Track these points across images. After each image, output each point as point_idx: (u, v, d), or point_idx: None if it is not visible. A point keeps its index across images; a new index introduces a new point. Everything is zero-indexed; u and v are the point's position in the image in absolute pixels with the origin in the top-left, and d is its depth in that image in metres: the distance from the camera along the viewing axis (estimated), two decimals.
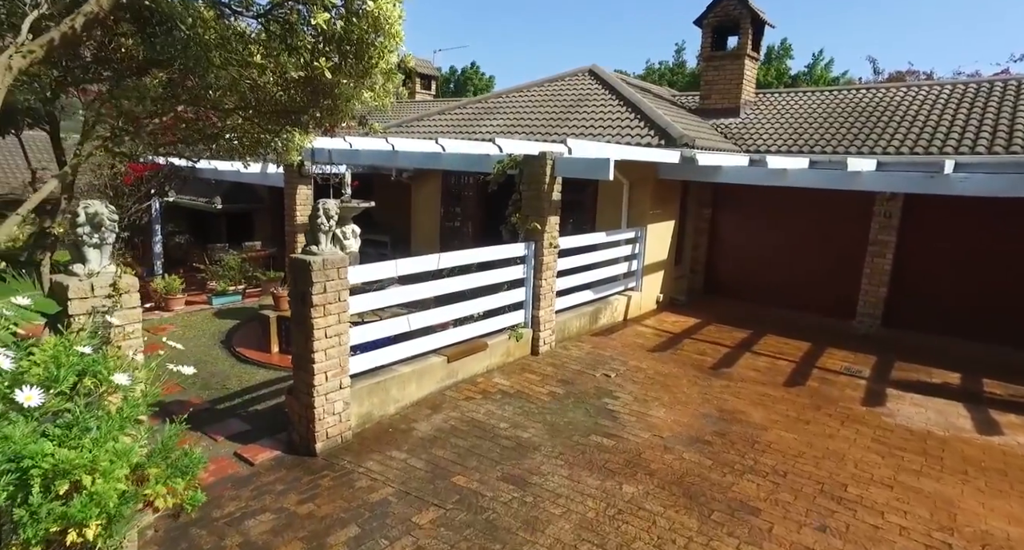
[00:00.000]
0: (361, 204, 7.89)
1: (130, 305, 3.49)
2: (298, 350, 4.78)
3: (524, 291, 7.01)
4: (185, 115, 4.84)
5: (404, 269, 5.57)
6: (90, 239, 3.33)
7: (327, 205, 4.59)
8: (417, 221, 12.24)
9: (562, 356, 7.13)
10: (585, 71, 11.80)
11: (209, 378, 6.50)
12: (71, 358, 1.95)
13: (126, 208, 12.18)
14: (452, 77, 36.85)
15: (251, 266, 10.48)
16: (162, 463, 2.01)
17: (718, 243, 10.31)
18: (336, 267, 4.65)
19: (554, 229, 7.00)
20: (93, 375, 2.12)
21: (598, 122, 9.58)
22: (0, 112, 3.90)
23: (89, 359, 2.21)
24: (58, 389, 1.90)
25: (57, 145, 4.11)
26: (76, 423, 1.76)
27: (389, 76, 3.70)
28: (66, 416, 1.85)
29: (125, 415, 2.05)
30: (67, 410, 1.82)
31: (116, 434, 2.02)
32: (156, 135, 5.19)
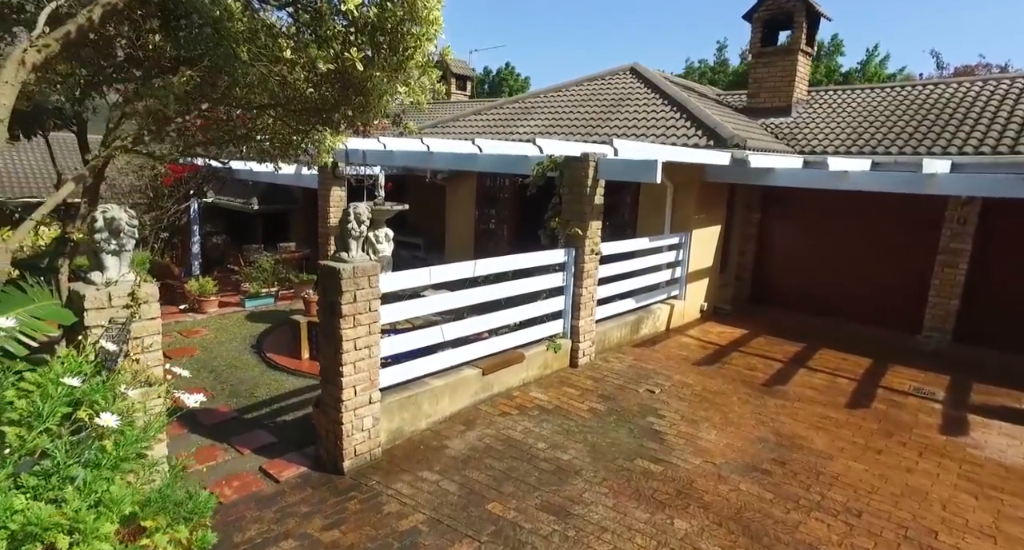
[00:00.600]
0: (395, 207, 7.68)
1: (149, 315, 3.28)
2: (326, 362, 4.53)
3: (563, 300, 6.65)
4: (215, 115, 4.65)
5: (438, 277, 5.29)
6: (108, 245, 3.12)
7: (358, 209, 4.33)
8: (451, 223, 12.00)
9: (602, 369, 6.74)
10: (626, 69, 11.37)
11: (238, 385, 6.34)
12: (60, 389, 1.69)
13: (166, 209, 12.31)
14: (487, 78, 36.71)
15: (284, 268, 10.40)
16: (161, 513, 1.73)
17: (766, 249, 9.74)
18: (367, 275, 4.38)
19: (596, 235, 6.63)
20: (89, 406, 1.86)
21: (641, 122, 9.15)
22: (26, 113, 3.77)
23: (85, 388, 1.96)
24: (42, 426, 1.64)
25: (84, 147, 3.95)
26: (58, 470, 1.50)
27: (425, 69, 3.40)
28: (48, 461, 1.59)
29: (122, 454, 1.78)
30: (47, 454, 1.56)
31: (111, 476, 1.76)
32: (186, 136, 5.03)
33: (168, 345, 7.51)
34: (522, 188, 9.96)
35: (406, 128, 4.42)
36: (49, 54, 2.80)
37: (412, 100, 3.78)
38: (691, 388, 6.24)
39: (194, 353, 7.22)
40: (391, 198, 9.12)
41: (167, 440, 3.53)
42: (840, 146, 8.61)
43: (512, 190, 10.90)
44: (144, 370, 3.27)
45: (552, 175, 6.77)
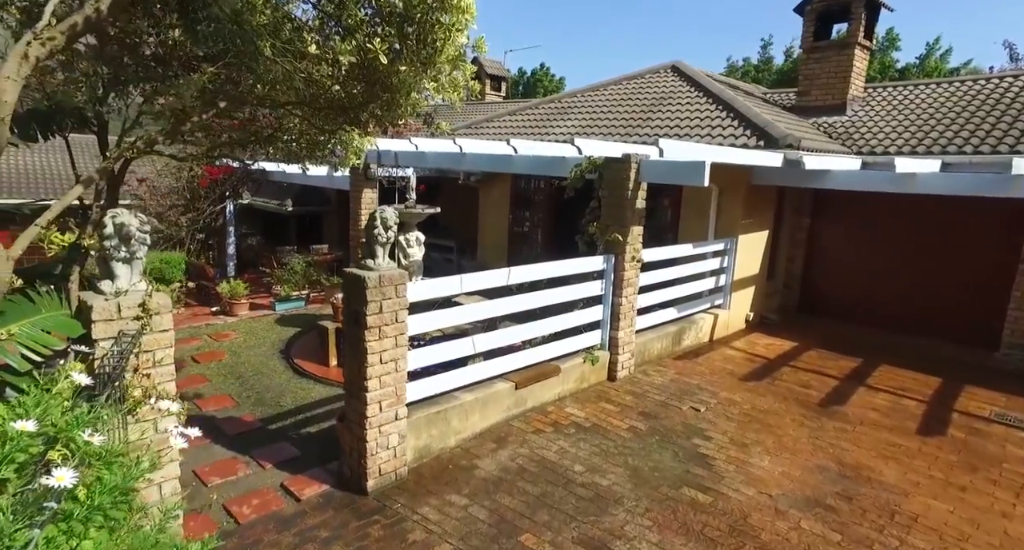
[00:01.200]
0: (426, 210, 7.42)
1: (161, 328, 3.06)
2: (350, 376, 4.28)
3: (601, 309, 6.28)
4: (240, 115, 4.46)
5: (470, 285, 4.99)
6: (118, 253, 2.92)
7: (384, 214, 4.07)
8: (484, 226, 11.73)
9: (642, 383, 6.34)
10: (667, 68, 10.90)
11: (264, 393, 6.17)
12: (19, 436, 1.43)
13: (202, 210, 12.40)
14: (521, 79, 36.44)
15: (316, 271, 10.30)
16: None
17: (817, 256, 9.15)
18: (394, 284, 4.12)
19: (637, 241, 6.24)
20: (65, 444, 1.60)
21: (684, 122, 8.70)
22: (45, 112, 3.62)
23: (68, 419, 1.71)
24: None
25: (104, 148, 3.79)
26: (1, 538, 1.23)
27: (457, 64, 3.10)
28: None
29: (97, 501, 1.52)
30: None
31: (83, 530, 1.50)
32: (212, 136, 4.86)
33: (197, 349, 7.42)
34: (558, 191, 9.62)
35: (438, 128, 4.14)
36: (55, 48, 2.61)
37: (443, 97, 3.49)
38: (739, 406, 5.78)
39: (222, 358, 7.10)
40: (423, 200, 8.91)
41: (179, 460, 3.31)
42: (904, 146, 7.98)
43: (547, 193, 10.56)
44: (154, 386, 3.06)
45: (591, 177, 6.41)
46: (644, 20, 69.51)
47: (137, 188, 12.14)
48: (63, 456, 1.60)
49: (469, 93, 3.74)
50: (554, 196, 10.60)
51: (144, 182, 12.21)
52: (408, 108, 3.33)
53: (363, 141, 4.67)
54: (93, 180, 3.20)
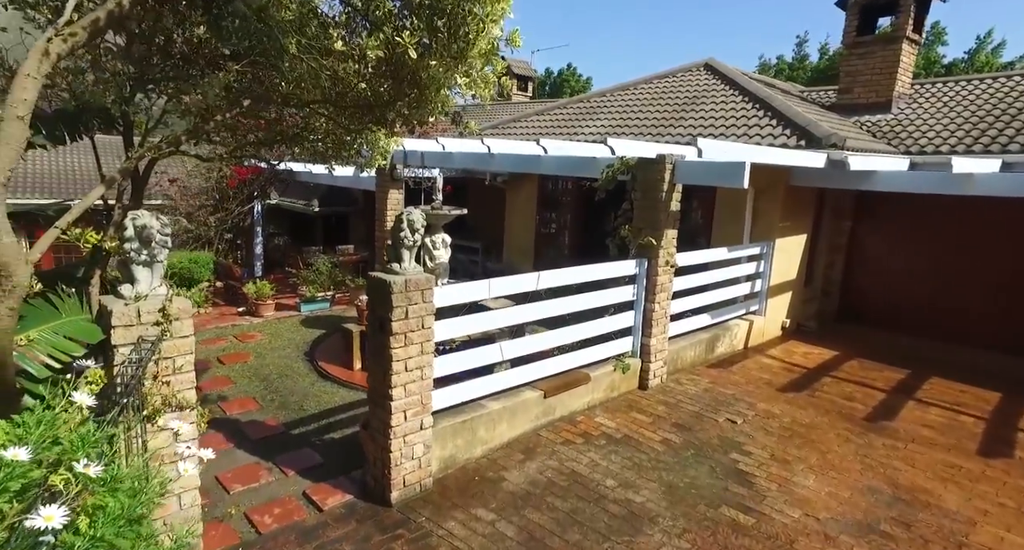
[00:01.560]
0: (453, 211, 7.29)
1: (182, 333, 2.96)
2: (374, 383, 4.15)
3: (633, 315, 6.06)
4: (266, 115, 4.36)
5: (499, 289, 4.82)
6: (139, 256, 2.82)
7: (411, 216, 3.93)
8: (511, 227, 11.57)
9: (675, 392, 6.09)
10: (700, 66, 10.60)
11: (288, 396, 6.09)
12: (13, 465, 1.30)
13: (230, 210, 12.50)
14: (548, 79, 36.23)
15: (341, 271, 10.26)
16: None
17: (859, 261, 8.75)
18: (420, 289, 3.97)
19: (671, 245, 6.00)
20: (69, 468, 1.47)
21: (719, 121, 8.40)
22: (71, 113, 3.57)
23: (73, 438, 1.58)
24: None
25: (130, 148, 3.73)
26: None
27: (489, 58, 2.93)
28: None
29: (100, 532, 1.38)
30: None
31: None
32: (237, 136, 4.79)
33: (223, 350, 7.41)
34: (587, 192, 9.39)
35: (467, 128, 3.98)
36: (76, 44, 2.51)
37: (473, 94, 3.32)
38: (778, 419, 5.50)
39: (248, 359, 7.06)
40: (450, 201, 8.79)
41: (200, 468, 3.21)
42: (957, 144, 7.56)
43: (575, 194, 10.35)
44: (174, 394, 2.95)
45: (623, 179, 6.19)
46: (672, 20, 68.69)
47: (168, 188, 12.30)
48: (66, 481, 1.47)
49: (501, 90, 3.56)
50: (582, 197, 10.39)
51: (175, 182, 12.36)
52: (437, 105, 3.17)
53: (389, 141, 4.54)
54: (115, 180, 3.12)
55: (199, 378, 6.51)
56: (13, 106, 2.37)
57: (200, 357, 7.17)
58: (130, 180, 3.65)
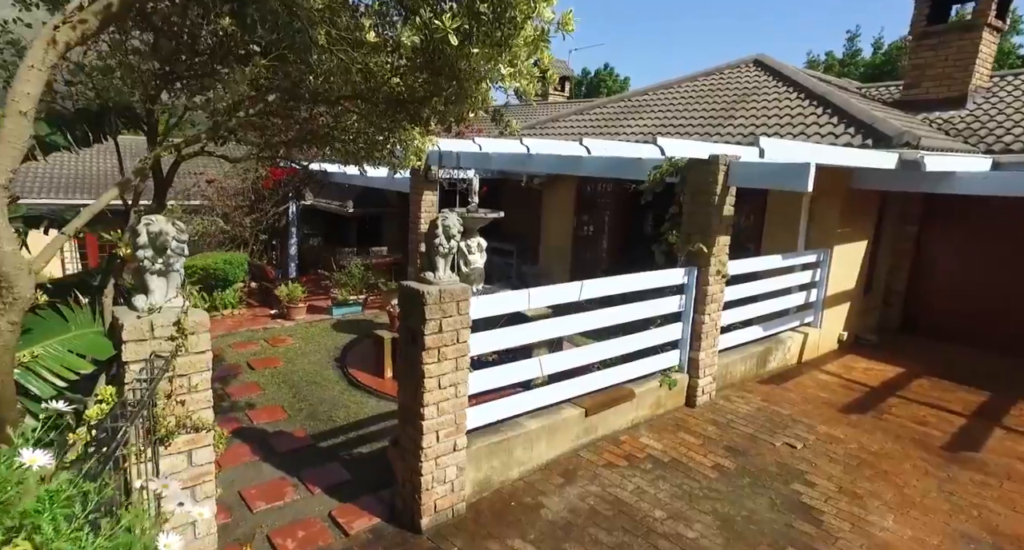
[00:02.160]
0: (489, 214, 7.01)
1: (198, 349, 2.72)
2: (405, 400, 3.86)
3: (680, 327, 5.65)
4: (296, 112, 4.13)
5: (539, 300, 4.49)
6: (152, 265, 2.59)
7: (447, 221, 3.63)
8: (547, 230, 11.22)
9: (725, 410, 5.65)
10: (749, 62, 10.05)
11: (317, 405, 5.88)
12: None
13: (265, 211, 12.51)
14: (584, 80, 35.75)
15: (374, 274, 10.08)
16: None
17: (926, 269, 8.10)
18: (456, 300, 3.67)
19: (723, 252, 5.57)
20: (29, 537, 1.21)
21: (772, 119, 7.89)
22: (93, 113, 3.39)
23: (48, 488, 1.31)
24: None
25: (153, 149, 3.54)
26: None
27: (537, 45, 2.61)
28: None
29: None
30: None
31: None
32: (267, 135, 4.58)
33: (254, 354, 7.27)
34: (627, 194, 9.00)
35: (508, 126, 3.66)
36: (86, 31, 2.29)
37: (517, 89, 3.00)
38: (843, 445, 5.01)
39: (278, 365, 6.90)
40: (485, 204, 8.50)
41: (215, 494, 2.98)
42: None
43: (615, 196, 9.95)
44: (189, 415, 2.72)
45: (671, 181, 5.79)
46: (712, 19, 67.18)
47: (206, 189, 12.38)
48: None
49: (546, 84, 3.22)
50: (622, 200, 9.98)
51: (213, 183, 12.43)
52: (477, 100, 2.86)
53: (424, 141, 4.27)
54: (130, 183, 2.91)
55: (228, 384, 6.38)
56: (15, 100, 2.15)
57: (231, 361, 7.06)
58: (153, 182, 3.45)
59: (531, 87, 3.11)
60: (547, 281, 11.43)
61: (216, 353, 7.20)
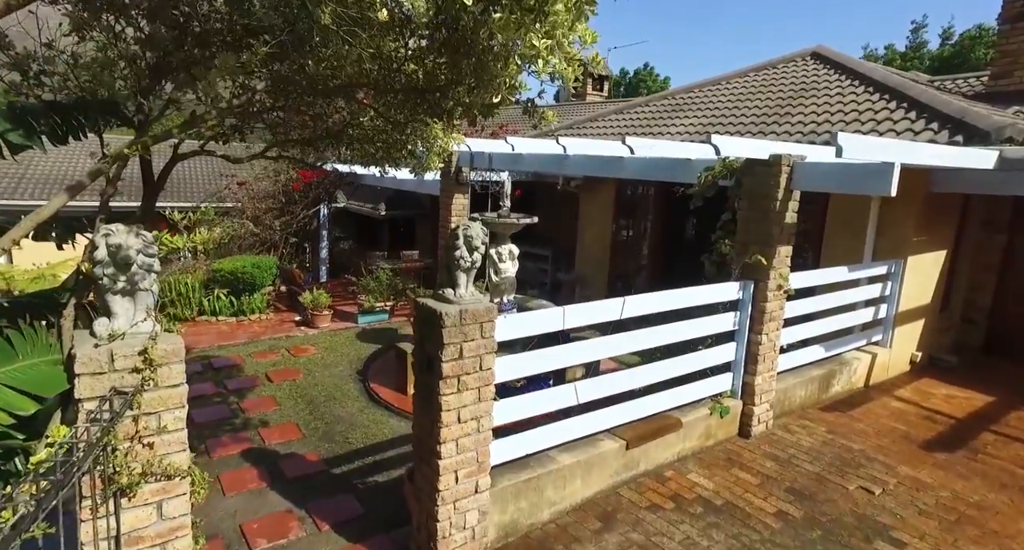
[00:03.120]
0: (522, 220, 6.50)
1: (170, 382, 2.29)
2: (420, 434, 3.39)
3: (733, 348, 5.02)
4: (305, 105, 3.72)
5: (575, 319, 3.94)
6: (113, 284, 2.17)
7: (469, 231, 3.13)
8: (584, 235, 10.66)
9: (785, 443, 4.99)
10: (806, 55, 9.27)
11: (334, 424, 5.48)
12: None
13: (295, 214, 12.31)
14: (623, 80, 34.95)
15: (403, 280, 9.69)
16: None
17: (1015, 283, 7.20)
18: (479, 321, 3.17)
19: (784, 265, 4.92)
20: None
21: (837, 115, 7.14)
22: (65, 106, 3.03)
23: None
24: None
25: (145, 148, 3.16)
26: None
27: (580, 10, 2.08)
28: None
29: None
30: None
31: None
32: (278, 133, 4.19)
33: (274, 365, 6.94)
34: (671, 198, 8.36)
35: (542, 119, 3.14)
36: None
37: (553, 71, 2.48)
38: (933, 492, 4.30)
39: (297, 377, 6.55)
40: (518, 208, 7.99)
41: None
42: None
43: (657, 200, 9.31)
44: (159, 459, 2.29)
45: (724, 184, 5.17)
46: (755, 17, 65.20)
47: (237, 191, 12.27)
48: None
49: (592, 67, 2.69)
50: (665, 204, 9.34)
51: (244, 185, 12.31)
52: (505, 82, 2.35)
53: (447, 138, 3.79)
54: (83, 187, 2.51)
55: (244, 397, 6.04)
56: None
57: (249, 373, 6.74)
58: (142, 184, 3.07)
59: (570, 70, 2.58)
60: (583, 289, 10.85)
61: (236, 363, 6.91)
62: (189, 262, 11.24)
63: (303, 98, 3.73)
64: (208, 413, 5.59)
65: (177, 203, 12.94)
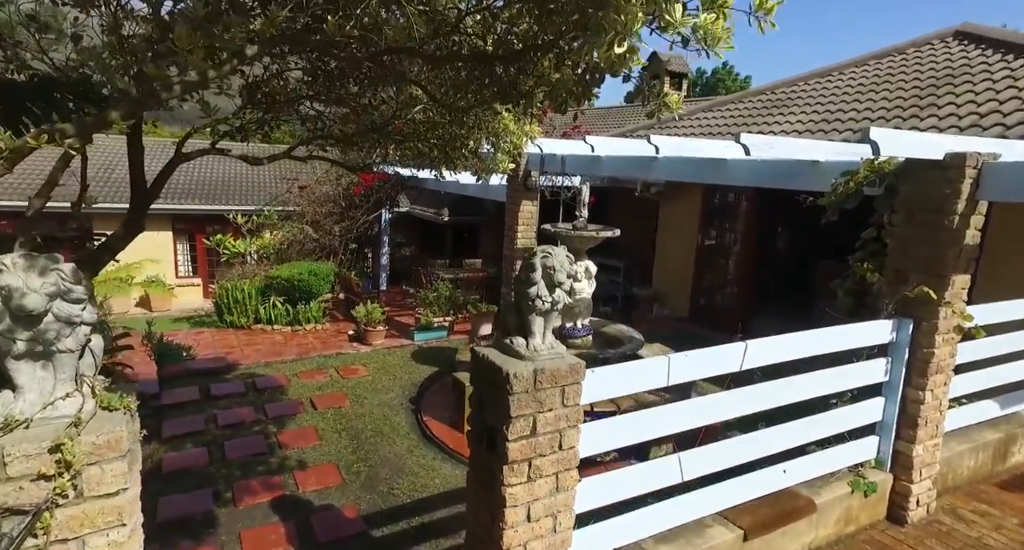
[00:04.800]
0: (602, 233, 5.57)
1: (103, 490, 1.52)
2: (475, 530, 2.52)
3: (881, 405, 3.86)
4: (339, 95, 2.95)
5: (684, 371, 2.95)
6: (11, 344, 1.42)
7: (551, 261, 2.24)
8: (663, 246, 9.57)
9: (957, 537, 3.77)
10: (947, 35, 7.80)
11: (379, 467, 4.72)
12: None
13: (355, 219, 11.85)
14: (699, 80, 33.14)
15: (464, 292, 8.92)
16: None
17: None
18: (561, 385, 2.27)
19: (959, 299, 3.72)
20: None
21: (1011, 103, 5.73)
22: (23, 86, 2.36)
23: None
24: None
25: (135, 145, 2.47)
26: None
27: None
28: None
29: None
30: None
31: None
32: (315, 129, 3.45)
33: (320, 388, 6.30)
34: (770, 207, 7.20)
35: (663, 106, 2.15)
36: None
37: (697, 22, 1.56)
38: None
39: (343, 404, 5.86)
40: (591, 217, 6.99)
41: None
42: None
43: (752, 207, 8.11)
44: None
45: (871, 193, 4.02)
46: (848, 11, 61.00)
47: (297, 195, 11.95)
48: None
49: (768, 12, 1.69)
50: (760, 212, 8.13)
51: (305, 189, 11.99)
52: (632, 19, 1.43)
53: (521, 132, 2.91)
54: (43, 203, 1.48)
55: (284, 427, 5.40)
56: None
57: (293, 396, 6.12)
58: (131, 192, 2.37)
59: (720, 25, 1.62)
60: (661, 307, 9.73)
61: (281, 384, 6.32)
62: (251, 268, 10.99)
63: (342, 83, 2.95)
64: (243, 446, 4.97)
65: (241, 206, 12.79)
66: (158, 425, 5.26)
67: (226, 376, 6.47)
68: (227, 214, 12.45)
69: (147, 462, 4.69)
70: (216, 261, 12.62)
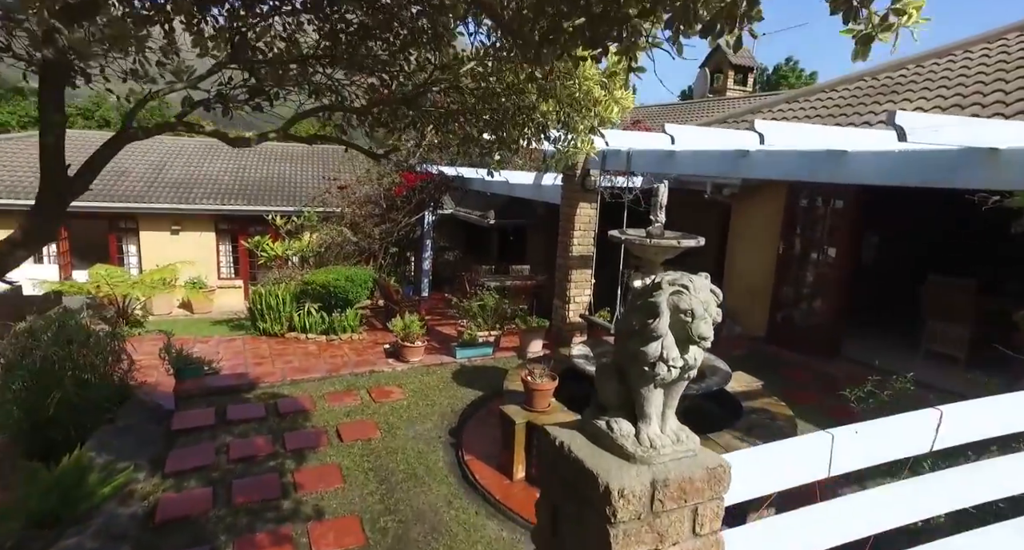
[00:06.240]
0: (684, 241, 4.62)
1: None
2: None
3: None
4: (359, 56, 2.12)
5: (852, 458, 1.97)
6: None
7: (687, 299, 1.31)
8: (735, 257, 8.48)
9: None
10: None
11: (410, 524, 3.88)
12: None
13: (397, 221, 11.17)
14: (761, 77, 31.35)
15: (510, 303, 8.05)
16: None
17: None
18: (692, 503, 1.34)
19: None
20: None
21: None
22: None
23: None
24: None
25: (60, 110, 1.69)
26: None
27: None
28: None
29: None
30: None
31: None
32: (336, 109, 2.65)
33: (348, 413, 5.52)
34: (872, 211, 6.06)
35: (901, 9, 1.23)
36: None
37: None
38: None
39: (373, 435, 5.07)
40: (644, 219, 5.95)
41: None
42: None
43: (849, 212, 6.94)
44: None
45: None
46: None
47: (337, 196, 11.37)
48: None
49: None
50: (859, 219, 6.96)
51: (345, 189, 11.40)
52: None
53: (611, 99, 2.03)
54: None
55: (303, 463, 4.63)
56: None
57: (317, 423, 5.36)
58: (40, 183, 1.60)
59: None
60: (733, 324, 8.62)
61: (305, 408, 5.57)
62: (288, 271, 10.47)
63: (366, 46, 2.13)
64: (252, 486, 4.24)
65: (281, 207, 12.31)
66: (164, 455, 4.60)
67: (247, 396, 5.80)
68: (266, 215, 12.00)
69: (142, 504, 4.01)
70: (257, 263, 12.20)
